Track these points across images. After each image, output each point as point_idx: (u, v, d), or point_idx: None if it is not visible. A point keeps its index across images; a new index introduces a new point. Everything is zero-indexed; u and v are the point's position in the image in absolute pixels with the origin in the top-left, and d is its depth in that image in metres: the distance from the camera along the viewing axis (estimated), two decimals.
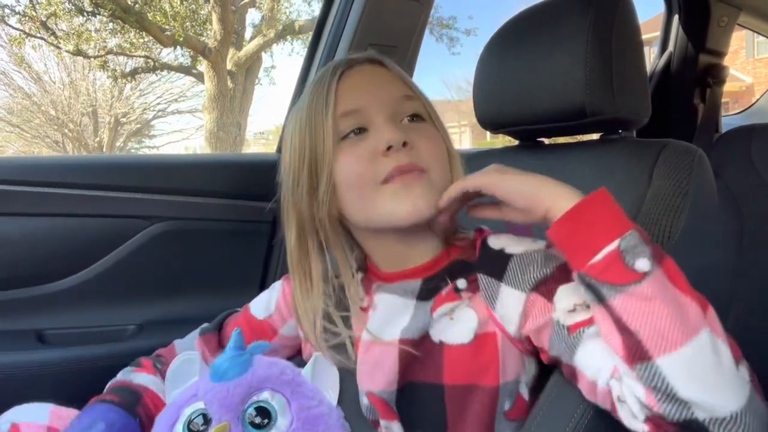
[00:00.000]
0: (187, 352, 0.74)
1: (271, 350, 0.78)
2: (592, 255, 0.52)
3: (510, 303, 0.63)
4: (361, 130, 0.68)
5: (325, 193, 0.68)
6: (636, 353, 0.49)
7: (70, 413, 0.72)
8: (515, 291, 0.63)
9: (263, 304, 0.86)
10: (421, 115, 0.71)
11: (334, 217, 0.72)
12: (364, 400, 0.70)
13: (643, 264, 0.50)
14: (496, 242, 0.69)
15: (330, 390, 0.70)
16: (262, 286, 1.39)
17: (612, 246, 0.51)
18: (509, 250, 0.67)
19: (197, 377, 0.71)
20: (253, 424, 0.62)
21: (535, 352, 0.65)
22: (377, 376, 0.68)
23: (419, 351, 0.67)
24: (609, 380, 0.53)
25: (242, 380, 0.64)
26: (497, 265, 0.66)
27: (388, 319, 0.70)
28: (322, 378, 0.70)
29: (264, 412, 0.63)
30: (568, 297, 0.59)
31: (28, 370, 1.10)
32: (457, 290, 0.68)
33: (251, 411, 0.63)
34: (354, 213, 0.70)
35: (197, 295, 1.31)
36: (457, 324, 0.66)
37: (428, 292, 0.69)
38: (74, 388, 1.14)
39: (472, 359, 0.65)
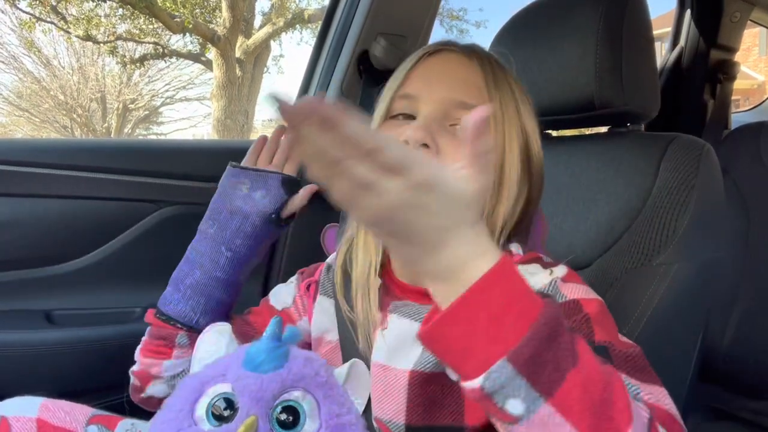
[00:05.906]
0: (219, 324, 0.73)
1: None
2: (463, 381, 0.42)
3: None
4: (408, 117, 0.66)
5: None
6: None
7: (62, 405, 0.72)
8: None
9: (281, 297, 0.84)
10: None
11: None
12: (374, 424, 0.68)
13: (515, 407, 0.39)
14: None
15: (359, 397, 0.67)
16: (268, 272, 1.40)
17: (474, 384, 0.40)
18: None
19: (223, 352, 0.69)
20: (279, 422, 0.60)
21: None
22: (384, 403, 0.66)
23: (435, 387, 0.63)
24: None
25: (277, 375, 0.61)
26: None
27: (399, 344, 0.67)
28: (354, 384, 0.67)
29: (292, 411, 0.61)
30: None
31: (36, 350, 1.12)
32: None
33: (279, 409, 0.61)
34: None
35: None
36: None
37: None
38: (80, 369, 1.16)
39: None
